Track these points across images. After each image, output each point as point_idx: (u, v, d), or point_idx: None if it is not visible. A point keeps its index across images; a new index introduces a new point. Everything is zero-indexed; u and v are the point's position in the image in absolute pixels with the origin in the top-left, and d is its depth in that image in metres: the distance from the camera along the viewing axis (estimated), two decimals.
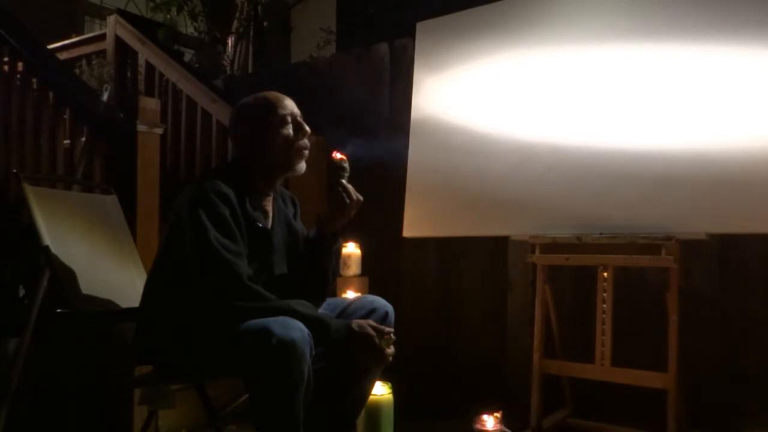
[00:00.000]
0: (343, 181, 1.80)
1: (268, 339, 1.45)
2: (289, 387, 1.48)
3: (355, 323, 1.67)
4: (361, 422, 2.15)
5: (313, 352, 1.53)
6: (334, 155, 1.81)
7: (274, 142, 1.76)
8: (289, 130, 1.77)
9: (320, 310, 1.75)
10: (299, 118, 1.80)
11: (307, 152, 1.81)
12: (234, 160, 1.89)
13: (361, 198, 1.82)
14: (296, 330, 1.49)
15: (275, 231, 1.82)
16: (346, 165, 1.81)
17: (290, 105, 1.81)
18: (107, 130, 2.79)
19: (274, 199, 1.86)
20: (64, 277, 1.96)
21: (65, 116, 3.01)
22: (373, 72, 3.46)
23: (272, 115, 1.77)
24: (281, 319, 1.51)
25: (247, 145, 1.79)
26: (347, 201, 1.79)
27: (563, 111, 2.43)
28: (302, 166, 1.81)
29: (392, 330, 1.73)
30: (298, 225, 1.92)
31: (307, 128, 1.80)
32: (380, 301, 1.89)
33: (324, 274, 1.86)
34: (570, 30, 2.48)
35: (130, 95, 3.93)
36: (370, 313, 1.84)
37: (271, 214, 1.83)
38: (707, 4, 2.21)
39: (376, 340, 1.66)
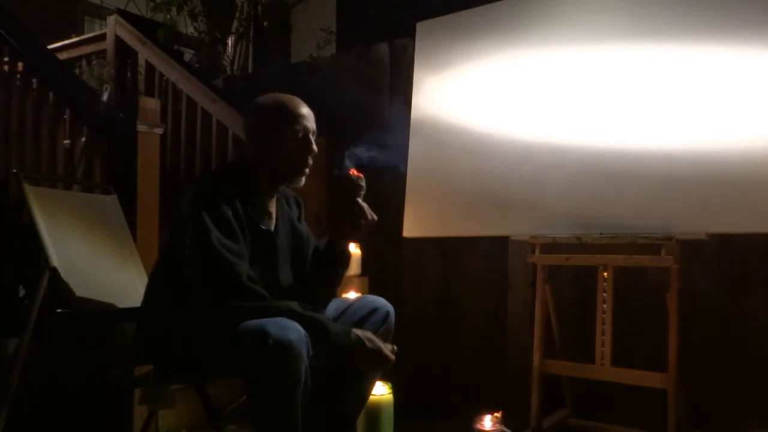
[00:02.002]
0: (359, 200, 1.78)
1: (265, 340, 1.45)
2: (287, 387, 1.49)
3: (363, 335, 1.65)
4: (361, 422, 2.16)
5: (311, 353, 1.53)
6: (351, 172, 1.79)
7: (279, 152, 1.75)
8: (299, 144, 1.76)
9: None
10: (311, 135, 1.78)
11: (308, 170, 1.79)
12: (238, 159, 1.88)
13: (375, 218, 1.80)
14: (293, 331, 1.49)
15: (279, 233, 1.81)
16: (363, 183, 1.78)
17: (309, 120, 1.78)
18: (107, 130, 2.79)
19: (278, 200, 1.85)
20: (64, 277, 1.96)
21: (65, 116, 3.01)
22: (373, 72, 3.46)
23: (287, 125, 1.75)
24: (278, 319, 1.51)
25: (254, 144, 1.78)
26: (362, 221, 1.78)
27: (563, 111, 2.43)
28: (301, 181, 1.80)
29: (394, 346, 1.72)
30: (303, 227, 1.91)
31: (315, 148, 1.78)
32: (381, 301, 1.89)
33: (331, 285, 1.87)
34: (570, 30, 2.48)
35: (130, 95, 3.92)
36: (371, 312, 1.85)
37: (274, 216, 1.82)
38: (707, 4, 2.21)
39: (385, 351, 1.65)
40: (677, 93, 2.21)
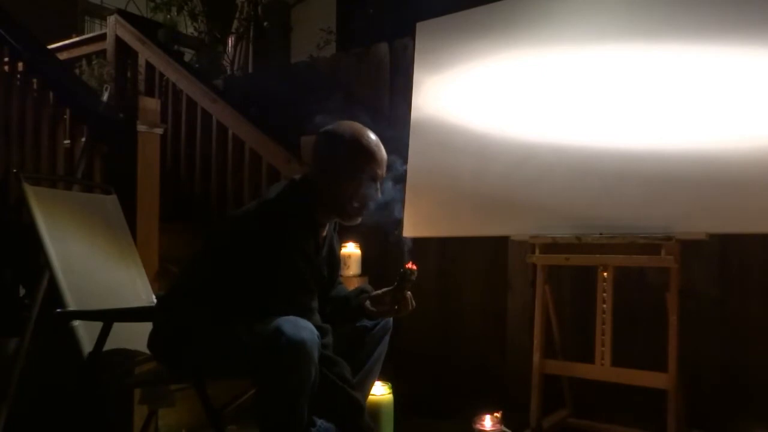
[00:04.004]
0: (407, 291, 1.82)
1: (279, 337, 1.47)
2: (296, 385, 1.49)
3: None
4: None
5: (319, 353, 1.54)
6: (408, 265, 1.80)
7: (342, 189, 1.71)
8: (364, 189, 1.73)
9: None
10: (378, 181, 1.75)
11: (365, 212, 1.78)
12: (301, 182, 1.76)
13: (414, 306, 1.84)
14: (307, 330, 1.50)
15: (322, 255, 1.81)
16: (414, 277, 1.81)
17: (380, 165, 1.74)
18: (107, 130, 2.79)
19: None
20: (64, 277, 1.96)
21: (65, 116, 3.01)
22: (373, 72, 3.46)
23: (359, 165, 1.71)
24: (293, 318, 1.52)
25: (320, 171, 1.73)
26: (402, 308, 1.82)
27: (563, 111, 2.43)
28: (357, 221, 1.78)
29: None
30: (336, 241, 1.91)
31: (379, 194, 1.76)
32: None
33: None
34: (570, 30, 2.48)
35: (130, 95, 3.93)
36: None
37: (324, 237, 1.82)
38: (707, 4, 2.21)
39: None
40: (677, 93, 2.21)
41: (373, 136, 1.75)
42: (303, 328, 1.49)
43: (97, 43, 4.36)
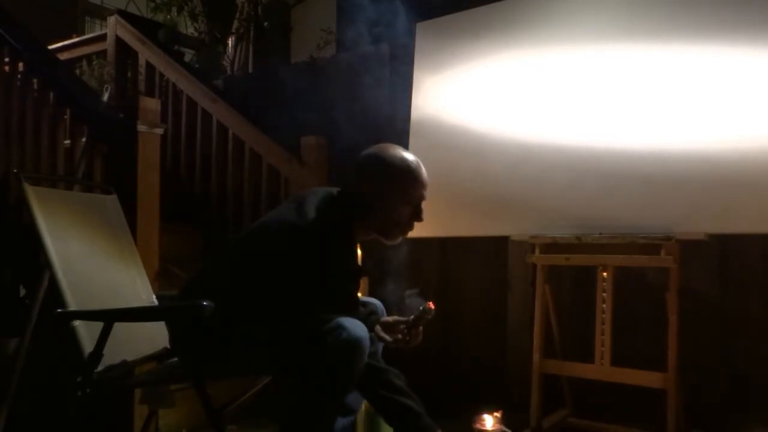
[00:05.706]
0: (420, 327, 1.87)
1: (340, 333, 1.50)
2: (343, 382, 1.53)
3: None
4: (360, 422, 2.16)
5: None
6: (428, 305, 1.83)
7: (391, 211, 1.74)
8: (411, 210, 1.75)
9: None
10: (423, 203, 1.78)
11: (409, 232, 1.80)
12: (345, 200, 1.76)
13: (420, 340, 1.89)
14: (364, 331, 1.55)
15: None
16: (430, 317, 1.84)
17: (426, 189, 1.77)
18: (107, 130, 2.79)
19: None
20: (64, 276, 1.96)
21: (65, 116, 3.01)
22: (373, 72, 3.46)
23: (409, 190, 1.73)
24: (350, 318, 1.55)
25: (370, 193, 1.73)
26: (413, 342, 1.87)
27: (563, 111, 2.43)
28: (398, 240, 1.81)
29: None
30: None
31: (423, 217, 1.78)
32: (373, 301, 1.95)
33: None
34: (569, 30, 2.48)
35: (131, 95, 3.93)
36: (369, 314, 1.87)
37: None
38: (707, 4, 2.21)
39: None
40: (677, 93, 2.21)
41: (414, 158, 1.77)
42: (360, 327, 1.54)
43: (97, 44, 4.37)
